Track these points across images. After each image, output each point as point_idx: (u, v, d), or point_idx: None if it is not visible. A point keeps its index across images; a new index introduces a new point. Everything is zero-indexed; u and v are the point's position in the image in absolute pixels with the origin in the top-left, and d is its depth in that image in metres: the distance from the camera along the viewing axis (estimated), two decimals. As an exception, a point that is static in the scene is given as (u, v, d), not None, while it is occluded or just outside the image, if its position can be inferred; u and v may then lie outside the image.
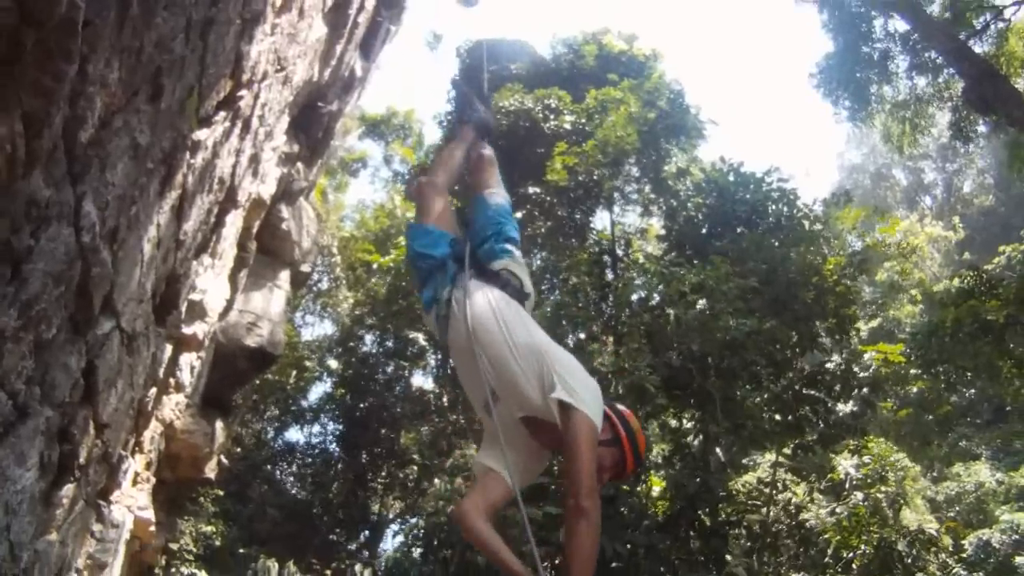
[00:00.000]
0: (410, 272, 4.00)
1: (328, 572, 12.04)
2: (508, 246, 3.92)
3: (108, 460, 7.02)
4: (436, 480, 13.35)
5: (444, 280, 3.68)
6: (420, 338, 14.82)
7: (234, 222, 10.39)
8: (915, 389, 19.27)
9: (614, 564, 9.50)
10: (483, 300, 3.49)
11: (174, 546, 13.60)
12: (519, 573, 3.11)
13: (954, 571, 13.95)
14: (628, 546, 9.89)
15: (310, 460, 18.89)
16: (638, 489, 11.16)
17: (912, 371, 18.98)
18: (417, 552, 14.03)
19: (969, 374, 21.90)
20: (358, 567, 15.01)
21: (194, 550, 13.98)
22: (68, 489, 5.14)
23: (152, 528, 11.17)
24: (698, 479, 10.69)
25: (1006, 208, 42.06)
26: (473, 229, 3.96)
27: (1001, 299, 18.50)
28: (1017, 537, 29.27)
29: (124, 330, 5.22)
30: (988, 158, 44.80)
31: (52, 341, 3.84)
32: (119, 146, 3.75)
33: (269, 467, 18.15)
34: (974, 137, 24.68)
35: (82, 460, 5.19)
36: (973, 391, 25.18)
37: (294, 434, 19.47)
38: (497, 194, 4.13)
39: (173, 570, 13.66)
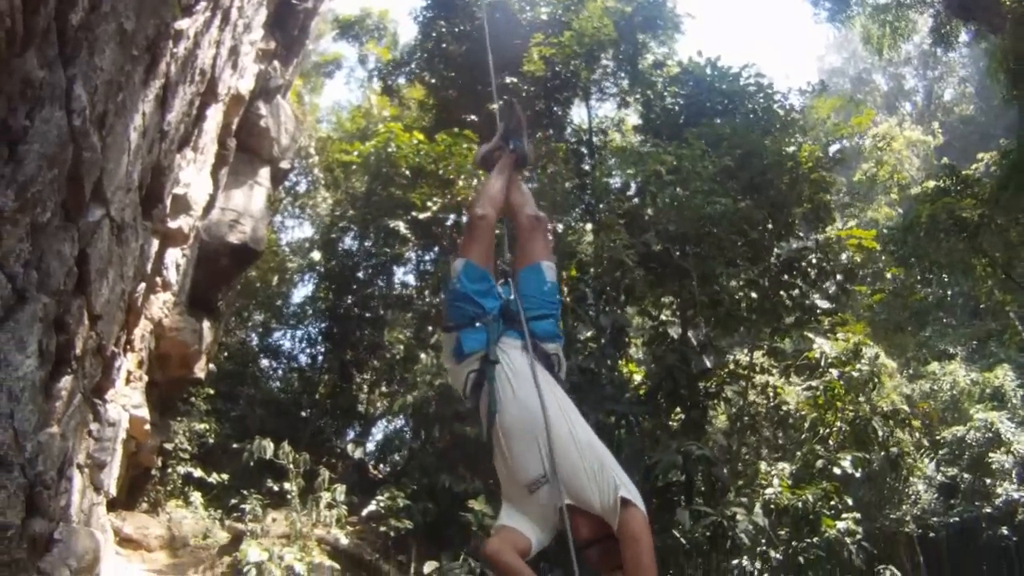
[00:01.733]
0: (446, 304, 3.80)
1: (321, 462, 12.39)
2: (559, 331, 3.83)
3: (102, 354, 7.18)
4: (422, 355, 13.61)
5: (483, 335, 3.57)
6: (401, 227, 14.81)
7: (215, 116, 10.37)
8: (890, 276, 19.57)
9: (601, 429, 9.85)
10: (548, 385, 3.43)
11: (169, 446, 13.89)
12: None
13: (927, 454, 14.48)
14: (612, 417, 10.25)
15: (295, 364, 19.22)
16: (620, 364, 11.48)
17: (887, 260, 19.29)
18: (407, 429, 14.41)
19: (944, 273, 22.25)
20: (350, 446, 15.43)
21: (189, 449, 14.27)
22: (66, 381, 5.26)
23: (147, 427, 11.48)
24: (676, 353, 10.97)
25: (986, 117, 41.86)
26: (526, 296, 3.77)
27: (976, 199, 18.72)
28: (990, 435, 30.45)
29: (114, 219, 5.31)
30: (970, 67, 44.37)
31: (47, 226, 3.93)
32: (107, 31, 3.77)
33: (256, 369, 18.37)
34: (955, 44, 24.33)
35: (78, 351, 5.33)
36: (949, 292, 25.47)
37: (279, 339, 19.77)
38: (553, 269, 3.97)
39: (169, 470, 13.96)
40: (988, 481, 29.48)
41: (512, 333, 3.60)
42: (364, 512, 11.39)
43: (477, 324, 3.59)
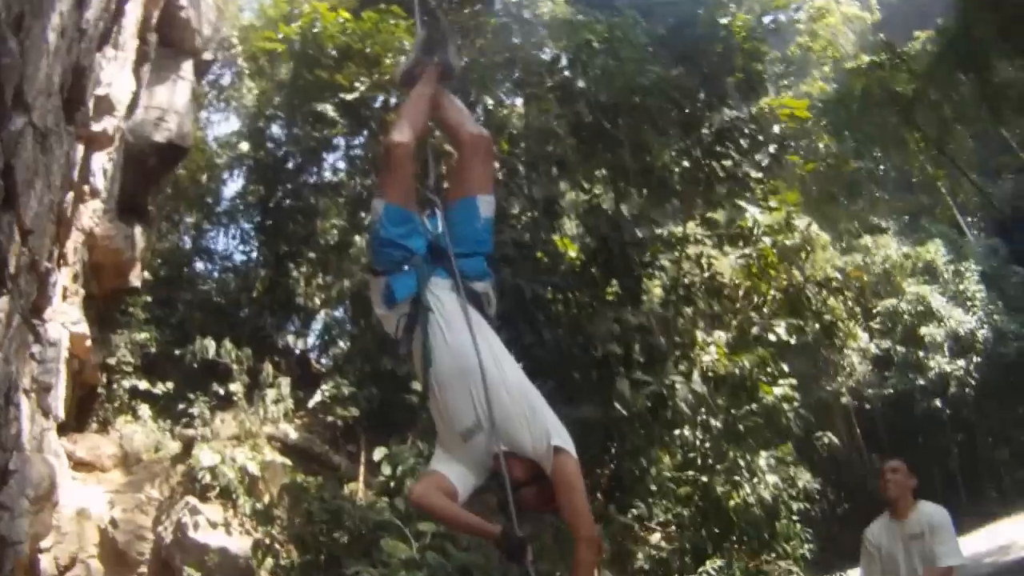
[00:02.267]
0: (371, 248, 3.78)
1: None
2: (488, 268, 3.64)
3: (36, 270, 6.93)
4: (357, 238, 13.47)
5: (412, 280, 3.42)
6: (329, 110, 14.37)
7: (134, 10, 9.85)
8: (822, 147, 19.78)
9: (537, 301, 9.95)
10: (480, 329, 3.31)
11: (112, 361, 13.66)
12: (491, 529, 3.14)
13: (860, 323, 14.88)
14: (547, 289, 10.32)
15: (229, 263, 18.81)
16: (553, 237, 11.53)
17: (819, 132, 19.47)
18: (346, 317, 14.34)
19: (877, 146, 22.53)
20: (291, 338, 15.40)
21: (132, 361, 14.06)
22: (2, 302, 5.09)
23: (88, 343, 11.26)
24: (610, 224, 11.01)
25: (926, -3, 41.70)
26: (457, 234, 3.57)
27: (912, 74, 18.82)
28: (922, 308, 31.59)
29: (36, 126, 5.08)
30: (913, -57, 43.85)
31: None
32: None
33: (191, 273, 18.01)
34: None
35: (12, 270, 5.13)
36: (881, 166, 25.83)
37: (212, 239, 19.33)
38: (491, 203, 3.71)
39: (115, 386, 13.78)
40: (921, 354, 30.81)
41: (441, 272, 3.47)
42: (310, 404, 11.43)
43: (405, 267, 3.45)
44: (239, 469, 9.72)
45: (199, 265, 19.15)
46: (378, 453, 8.51)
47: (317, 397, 11.14)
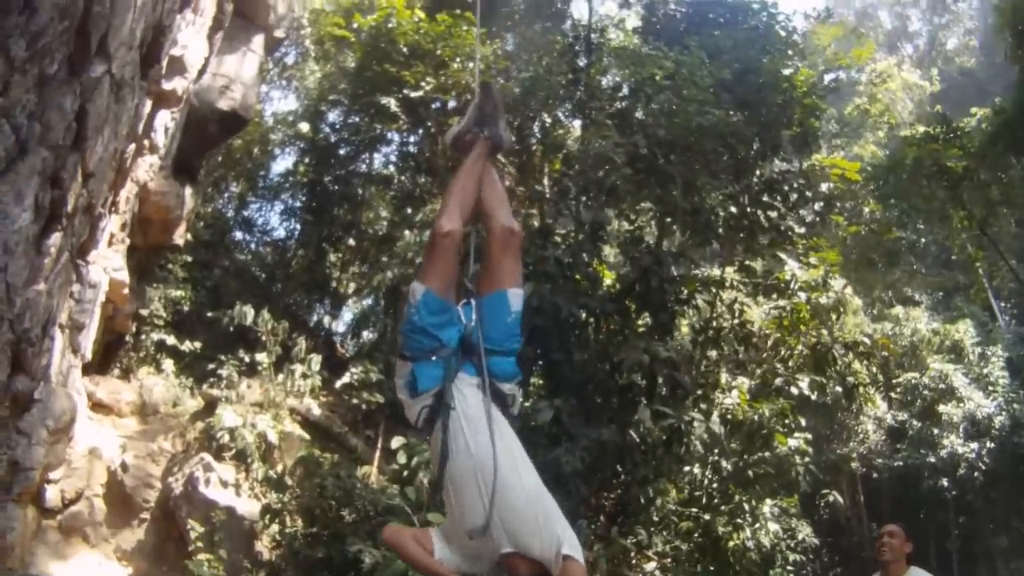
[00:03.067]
0: (403, 332, 3.52)
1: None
2: (517, 369, 3.58)
3: (91, 213, 7.21)
4: (407, 233, 13.69)
5: (439, 372, 3.34)
6: (392, 103, 14.63)
7: (216, -24, 10.15)
8: (867, 212, 19.79)
9: (571, 321, 10.11)
10: (501, 431, 3.28)
11: (144, 312, 13.98)
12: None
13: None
14: (582, 311, 10.47)
15: (268, 238, 19.21)
16: (593, 262, 11.68)
17: (866, 197, 19.47)
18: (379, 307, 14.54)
19: (921, 218, 22.46)
20: (326, 319, 15.65)
21: (164, 315, 14.38)
22: (56, 238, 5.29)
23: (125, 291, 11.59)
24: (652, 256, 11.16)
25: (985, 73, 41.47)
26: (487, 326, 3.50)
27: (964, 151, 18.82)
28: (944, 386, 31.28)
29: (114, 75, 5.29)
30: (977, 19, 43.84)
31: (52, 78, 3.90)
32: None
33: (230, 241, 18.32)
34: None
35: (69, 208, 5.35)
36: (923, 239, 25.69)
37: (255, 211, 19.69)
38: (520, 296, 3.62)
39: (143, 336, 14.10)
40: (936, 431, 30.50)
41: (469, 368, 3.40)
42: (338, 384, 11.65)
43: (433, 358, 3.36)
44: (258, 435, 9.94)
45: (238, 235, 19.52)
46: (396, 441, 8.67)
47: (345, 378, 11.36)
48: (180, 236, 13.93)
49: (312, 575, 8.43)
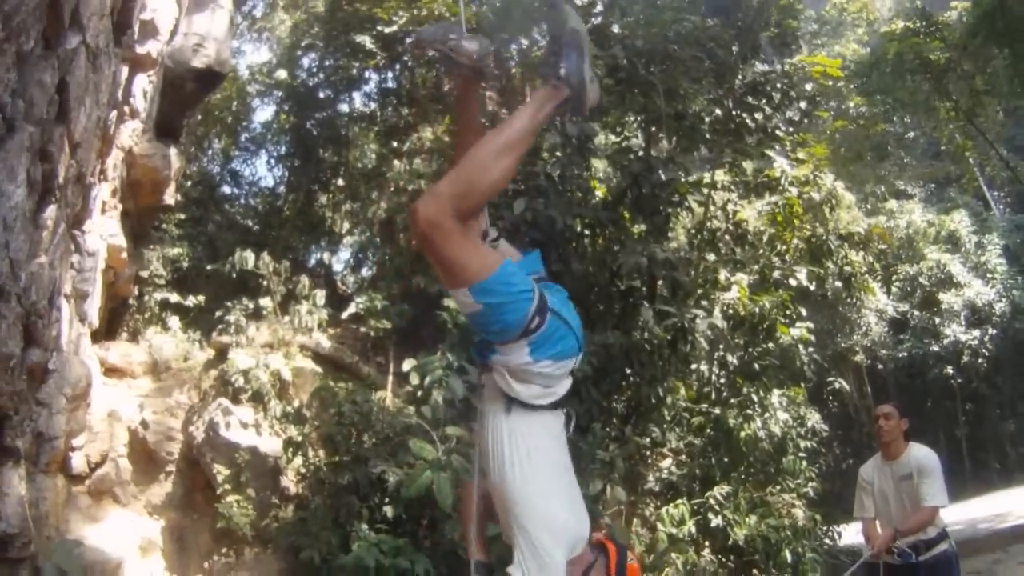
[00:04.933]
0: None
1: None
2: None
3: (82, 182, 7.27)
4: (396, 162, 13.75)
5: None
6: (367, 41, 14.46)
7: (176, -62, 10.05)
8: (852, 107, 19.78)
9: (567, 232, 10.22)
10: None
11: (144, 274, 14.10)
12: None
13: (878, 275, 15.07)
14: (577, 222, 10.59)
15: (257, 188, 19.17)
16: (584, 174, 11.76)
17: (850, 93, 19.44)
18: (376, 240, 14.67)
19: (907, 111, 22.42)
20: (325, 255, 15.81)
21: (164, 274, 14.51)
22: (51, 211, 5.36)
23: (123, 255, 11.68)
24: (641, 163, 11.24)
25: (967, -34, 41.02)
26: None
27: (945, 43, 18.69)
28: (942, 276, 31.62)
29: (89, 45, 5.34)
30: (960, -89, 42.97)
31: (30, 55, 3.95)
32: None
33: (221, 194, 18.36)
34: None
35: (61, 180, 5.43)
36: (911, 133, 25.69)
37: (241, 164, 19.67)
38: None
39: (146, 298, 14.23)
40: (937, 320, 30.99)
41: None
42: (344, 315, 11.81)
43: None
44: (272, 373, 10.11)
45: (227, 189, 19.51)
46: (407, 364, 8.84)
47: (351, 309, 11.50)
48: (171, 196, 13.96)
49: (339, 500, 8.56)
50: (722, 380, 11.33)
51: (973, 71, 19.35)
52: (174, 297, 14.24)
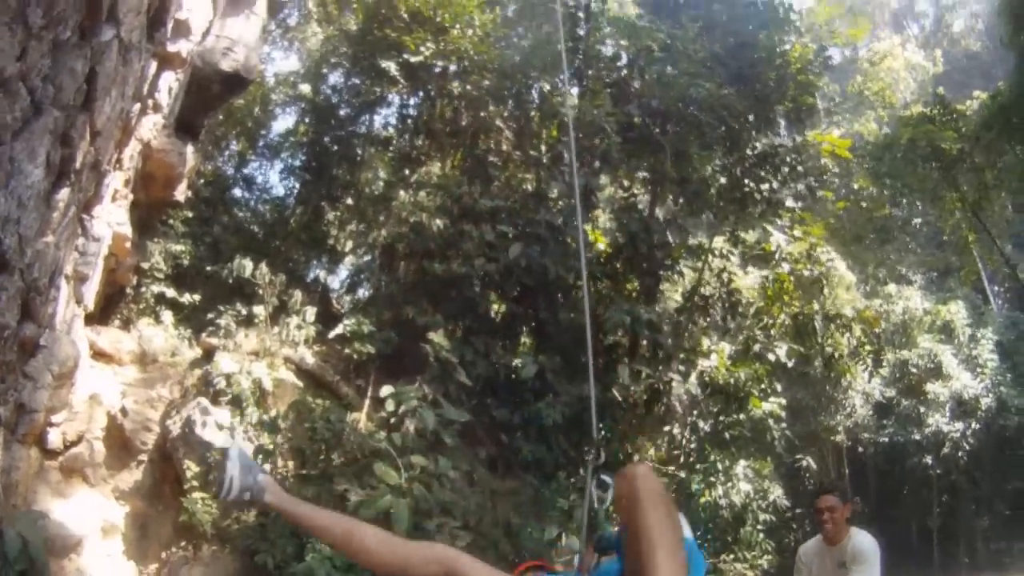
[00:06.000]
0: None
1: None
2: None
3: (97, 169, 7.50)
4: (401, 193, 14.01)
5: None
6: (392, 67, 14.80)
7: (220, -59, 10.39)
8: (857, 187, 20.05)
9: (559, 282, 10.44)
10: None
11: (145, 265, 14.27)
12: None
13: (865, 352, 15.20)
14: (571, 274, 10.84)
15: (267, 196, 19.38)
16: (586, 226, 12.01)
17: (859, 174, 19.68)
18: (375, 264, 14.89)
19: (914, 197, 22.62)
20: (321, 273, 16.03)
21: (164, 269, 14.68)
22: (64, 193, 5.56)
23: (128, 245, 11.91)
24: (641, 223, 11.48)
25: (990, 57, 41.34)
26: None
27: (959, 133, 18.99)
28: (932, 365, 31.62)
29: (122, 39, 5.57)
30: (983, 2, 43.62)
31: (66, 43, 4.18)
32: None
33: (230, 197, 18.54)
34: (974, -26, 23.95)
35: (78, 165, 5.65)
36: (917, 220, 25.88)
37: (254, 169, 19.92)
38: None
39: (143, 289, 14.40)
40: (922, 409, 30.91)
41: None
42: (331, 334, 11.99)
43: None
44: (254, 381, 10.29)
45: (238, 192, 19.74)
46: (385, 390, 9.03)
47: (339, 329, 11.71)
48: (181, 192, 14.19)
49: None
50: (692, 445, 11.51)
51: (983, 164, 19.61)
52: (170, 292, 14.39)
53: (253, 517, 9.14)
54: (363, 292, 15.88)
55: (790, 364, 12.55)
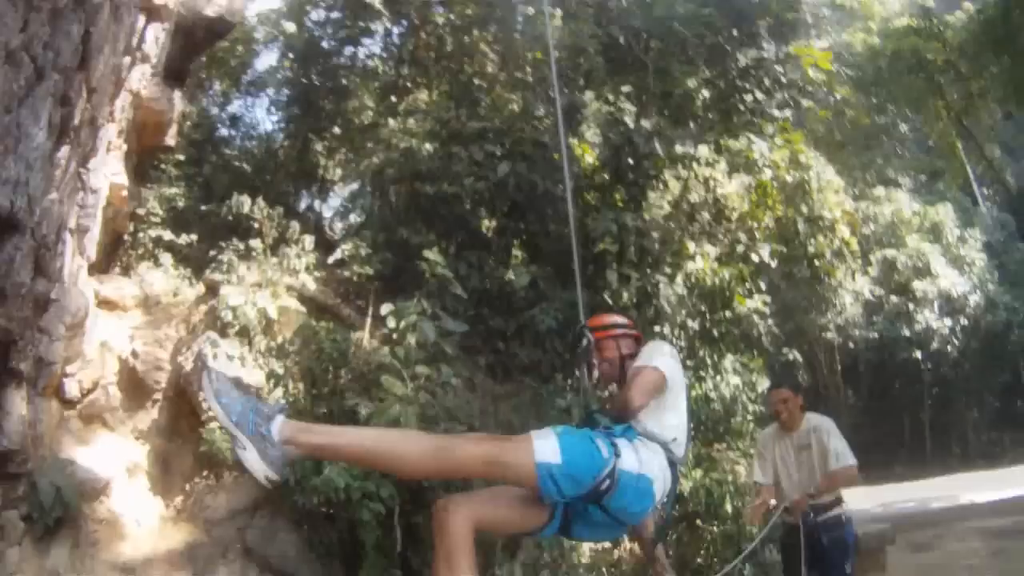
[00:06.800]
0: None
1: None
2: None
3: (94, 124, 7.72)
4: (391, 120, 14.24)
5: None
6: (376, 1, 14.82)
7: None
8: (840, 97, 20.24)
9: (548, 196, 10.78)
10: None
11: (141, 211, 14.50)
12: None
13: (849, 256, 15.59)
14: (559, 186, 11.21)
15: (253, 132, 19.45)
16: (572, 141, 12.33)
17: (844, 83, 19.81)
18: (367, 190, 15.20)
19: (901, 105, 22.74)
20: (316, 202, 16.37)
21: (160, 213, 14.91)
22: (65, 151, 5.82)
23: (124, 193, 12.15)
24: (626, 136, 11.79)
25: (978, -29, 40.99)
26: None
27: (945, 44, 19.02)
28: (920, 264, 32.23)
29: None
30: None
31: (63, 9, 4.40)
32: None
33: (218, 138, 18.64)
34: None
35: (76, 122, 5.89)
36: (903, 125, 26.01)
37: (241, 108, 19.95)
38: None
39: (141, 234, 14.64)
40: (911, 306, 31.65)
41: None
42: (330, 260, 12.37)
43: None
44: (259, 310, 10.67)
45: (225, 131, 19.77)
46: (384, 308, 9.42)
47: (337, 254, 12.07)
48: (172, 137, 14.37)
49: None
50: (682, 343, 12.00)
51: (969, 74, 19.68)
52: (168, 235, 14.64)
53: (269, 440, 9.41)
54: (355, 218, 16.18)
55: (773, 265, 13.01)
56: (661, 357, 3.99)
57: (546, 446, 3.27)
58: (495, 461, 3.25)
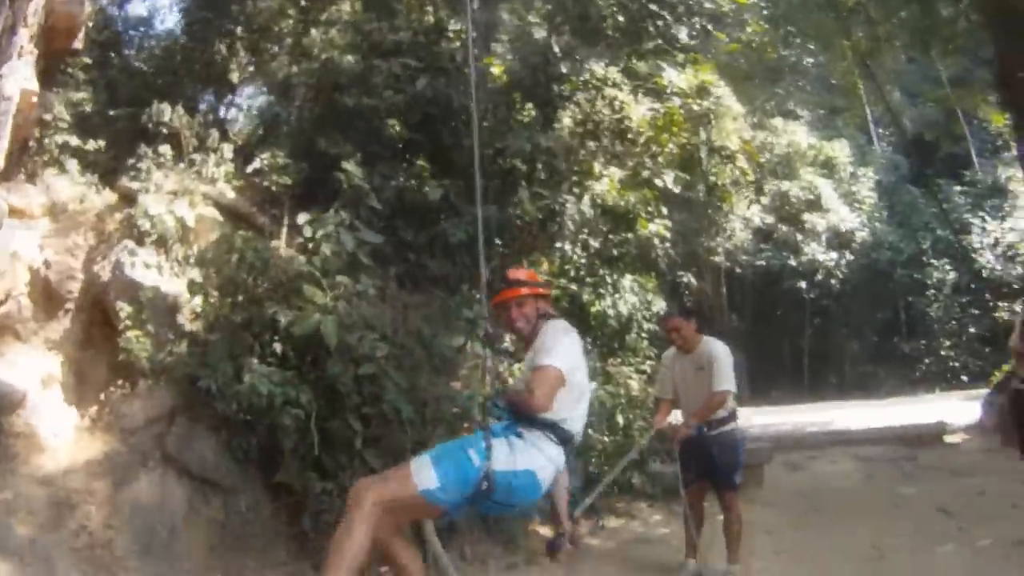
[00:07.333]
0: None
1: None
2: None
3: (14, 31, 7.60)
4: (313, 31, 14.12)
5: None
6: None
7: None
8: (749, 31, 20.88)
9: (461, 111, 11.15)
10: None
11: (48, 117, 14.03)
12: None
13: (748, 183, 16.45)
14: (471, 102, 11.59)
15: (153, 32, 18.61)
16: (484, 60, 12.66)
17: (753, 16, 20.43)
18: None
19: (808, 40, 23.45)
20: (222, 110, 15.92)
21: (67, 118, 14.46)
22: None
23: (34, 99, 11.84)
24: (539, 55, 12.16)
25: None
26: None
27: (855, -14, 19.70)
28: (812, 197, 33.67)
29: None
30: None
31: None
32: None
33: (121, 40, 17.88)
34: None
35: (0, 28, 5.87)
36: (808, 60, 26.85)
37: (144, 9, 19.08)
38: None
39: (47, 140, 14.17)
40: (800, 237, 33.22)
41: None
42: (248, 169, 12.41)
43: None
44: (177, 219, 10.72)
45: (130, 33, 18.91)
46: (301, 217, 9.60)
47: (256, 164, 12.12)
48: (80, 40, 14.02)
49: (235, 337, 9.28)
50: (583, 261, 12.70)
51: (878, 18, 20.47)
52: (74, 141, 14.27)
53: (186, 346, 9.58)
54: (266, 127, 15.74)
55: (676, 190, 13.79)
56: (558, 348, 4.63)
57: (423, 475, 4.09)
58: (391, 505, 4.05)
